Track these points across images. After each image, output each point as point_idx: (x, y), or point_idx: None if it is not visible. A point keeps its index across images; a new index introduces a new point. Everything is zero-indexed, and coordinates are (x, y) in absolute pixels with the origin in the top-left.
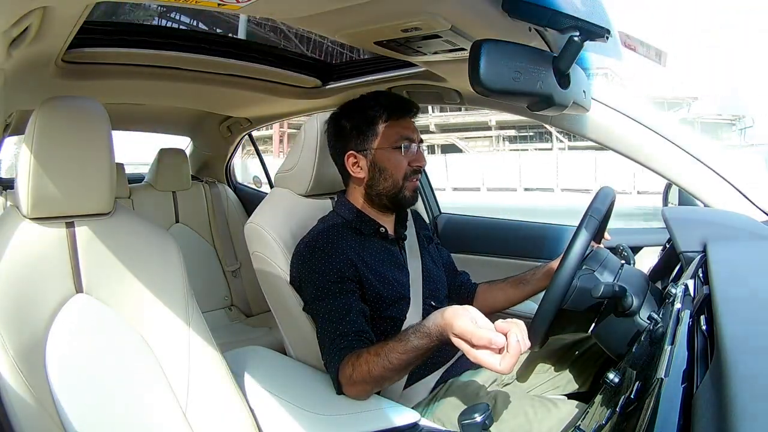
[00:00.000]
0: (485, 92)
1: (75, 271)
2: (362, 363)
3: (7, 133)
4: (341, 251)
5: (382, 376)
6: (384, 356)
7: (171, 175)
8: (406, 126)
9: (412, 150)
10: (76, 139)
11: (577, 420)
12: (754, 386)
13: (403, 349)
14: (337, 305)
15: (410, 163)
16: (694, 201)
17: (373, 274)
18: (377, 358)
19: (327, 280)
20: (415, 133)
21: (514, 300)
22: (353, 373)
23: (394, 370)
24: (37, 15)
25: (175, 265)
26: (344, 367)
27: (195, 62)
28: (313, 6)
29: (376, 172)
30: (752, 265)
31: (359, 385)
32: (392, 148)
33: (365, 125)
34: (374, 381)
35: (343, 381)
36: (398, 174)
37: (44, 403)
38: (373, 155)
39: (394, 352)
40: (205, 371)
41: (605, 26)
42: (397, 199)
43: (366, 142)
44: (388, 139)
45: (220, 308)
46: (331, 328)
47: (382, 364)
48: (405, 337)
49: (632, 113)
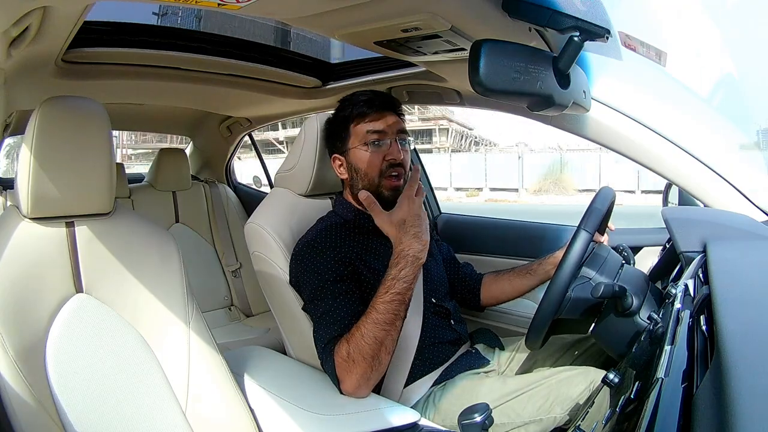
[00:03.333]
0: (485, 92)
1: (75, 271)
2: (354, 332)
3: (7, 133)
4: (340, 250)
5: (374, 337)
6: (371, 309)
7: (171, 175)
8: (375, 120)
9: (383, 144)
10: (76, 139)
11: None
12: (754, 386)
13: (384, 289)
14: (334, 307)
15: (384, 158)
16: (694, 201)
17: (372, 272)
18: (365, 318)
19: (325, 280)
20: (389, 127)
21: (521, 290)
22: (349, 348)
23: (384, 323)
24: (37, 15)
25: (175, 265)
26: (340, 350)
27: (195, 62)
28: (313, 6)
29: (352, 172)
30: (752, 265)
31: (357, 365)
32: (362, 146)
33: (340, 127)
34: (370, 349)
35: (341, 369)
36: (372, 172)
37: (44, 402)
38: (349, 156)
39: (378, 299)
40: (205, 371)
41: (605, 26)
42: (377, 198)
43: (343, 144)
44: (357, 137)
45: (220, 308)
46: (328, 329)
47: (372, 318)
48: (384, 279)
49: (632, 113)
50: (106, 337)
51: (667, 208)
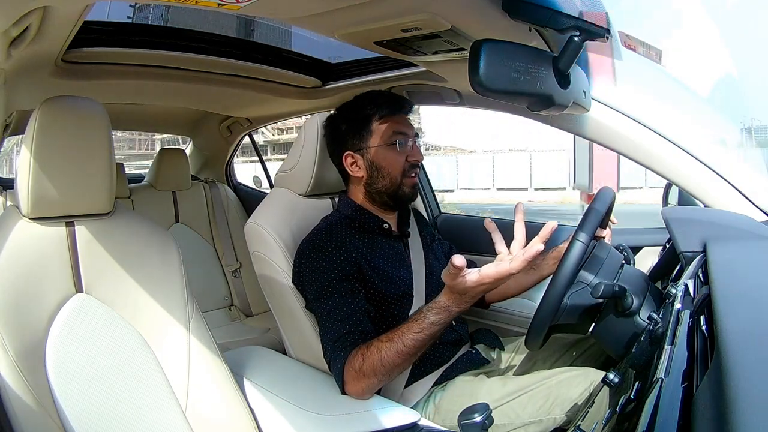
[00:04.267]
0: (485, 92)
1: (75, 271)
2: (373, 351)
3: (7, 133)
4: (344, 249)
5: (392, 363)
6: (398, 339)
7: (171, 175)
8: (399, 122)
9: (407, 145)
10: (76, 139)
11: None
12: (753, 386)
13: (419, 328)
14: (341, 304)
15: (407, 159)
16: (694, 201)
17: (377, 272)
18: (390, 344)
19: (331, 279)
20: (410, 129)
21: (525, 285)
22: (363, 363)
23: (407, 354)
24: (37, 15)
25: (175, 265)
26: (353, 360)
27: (195, 62)
28: (313, 6)
29: (373, 170)
30: (752, 265)
31: (367, 379)
32: (387, 145)
33: (360, 124)
34: (384, 370)
35: (349, 376)
36: (395, 171)
37: (44, 403)
38: (370, 154)
39: (409, 333)
40: (205, 371)
41: (605, 26)
42: (396, 196)
43: (362, 141)
44: (382, 136)
45: (220, 308)
46: (335, 327)
47: (396, 348)
48: (420, 317)
49: (632, 113)
50: (106, 337)
51: (667, 208)
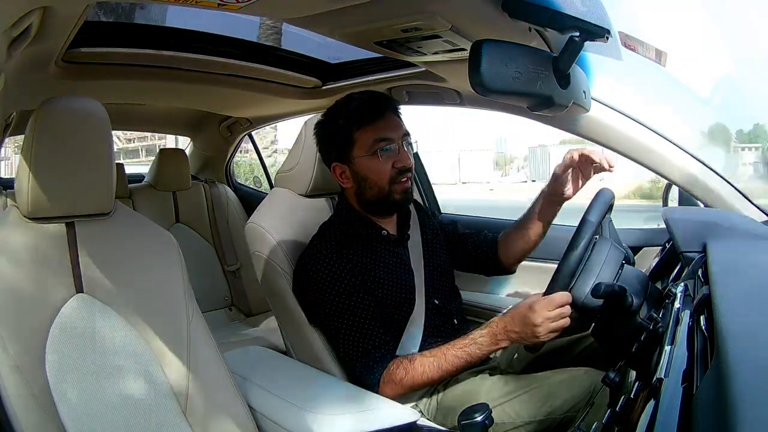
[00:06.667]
0: (485, 92)
1: (75, 271)
2: (417, 366)
3: (7, 133)
4: (346, 262)
5: (432, 378)
6: (441, 355)
7: (171, 175)
8: (381, 127)
9: (392, 151)
10: (76, 139)
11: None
12: (753, 386)
13: (461, 346)
14: (357, 320)
15: (394, 165)
16: (694, 201)
17: (378, 283)
18: (433, 359)
19: (340, 296)
20: (395, 131)
21: (536, 240)
22: (405, 376)
23: (447, 371)
24: (37, 15)
25: (175, 265)
26: (394, 373)
27: (195, 62)
28: (313, 6)
29: (360, 181)
30: (752, 265)
31: (404, 389)
32: (370, 155)
33: (340, 135)
34: (422, 383)
35: (387, 388)
36: (382, 180)
37: (44, 402)
38: (355, 165)
39: (450, 352)
40: (205, 371)
41: (605, 26)
42: (387, 204)
43: (345, 152)
44: (363, 146)
45: (220, 308)
46: (361, 342)
47: (438, 364)
48: (463, 337)
49: (632, 113)
50: (107, 338)
51: (667, 208)
